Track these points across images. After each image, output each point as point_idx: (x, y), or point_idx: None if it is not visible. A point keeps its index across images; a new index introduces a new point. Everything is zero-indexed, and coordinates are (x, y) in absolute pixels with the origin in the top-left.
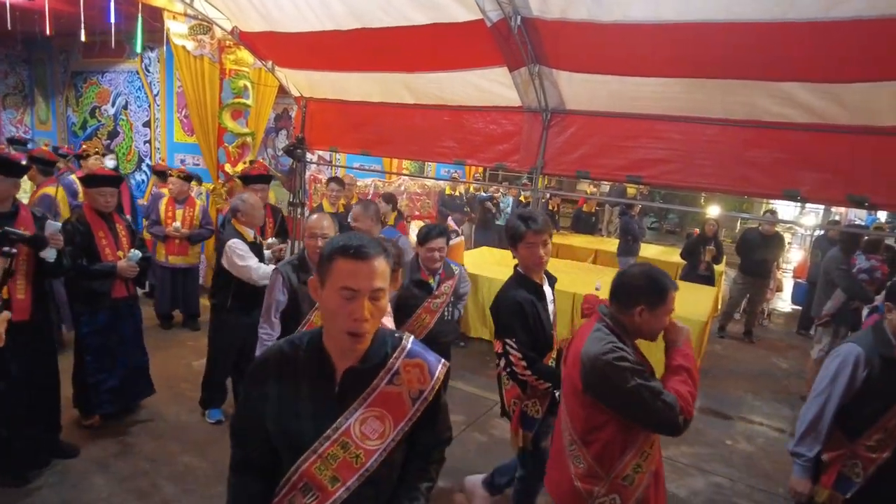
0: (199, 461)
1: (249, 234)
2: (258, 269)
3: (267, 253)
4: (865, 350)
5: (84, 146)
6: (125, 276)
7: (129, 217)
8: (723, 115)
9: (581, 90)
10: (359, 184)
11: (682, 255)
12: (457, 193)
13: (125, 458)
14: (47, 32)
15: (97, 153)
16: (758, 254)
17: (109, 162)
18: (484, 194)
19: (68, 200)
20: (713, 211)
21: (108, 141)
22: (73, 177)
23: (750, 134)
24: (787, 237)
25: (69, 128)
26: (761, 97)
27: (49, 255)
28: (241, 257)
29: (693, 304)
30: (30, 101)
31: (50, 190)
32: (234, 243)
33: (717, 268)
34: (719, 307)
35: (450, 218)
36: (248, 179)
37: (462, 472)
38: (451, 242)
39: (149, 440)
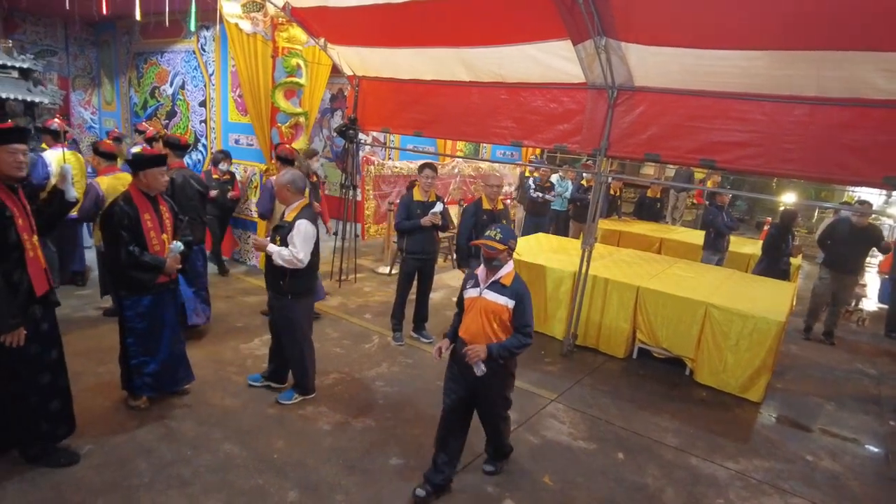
0: (239, 450)
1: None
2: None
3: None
4: None
5: (147, 127)
6: (169, 272)
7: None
8: (816, 92)
9: (652, 65)
10: (443, 170)
11: (764, 249)
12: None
13: (168, 443)
14: (104, 12)
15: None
16: (847, 247)
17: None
18: (532, 184)
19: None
20: (788, 199)
21: (167, 121)
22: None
23: (849, 114)
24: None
25: (131, 108)
26: (868, 71)
27: None
28: None
29: (771, 300)
30: (97, 83)
31: (104, 180)
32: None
33: (794, 261)
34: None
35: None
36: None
37: (512, 474)
38: None
39: (193, 426)
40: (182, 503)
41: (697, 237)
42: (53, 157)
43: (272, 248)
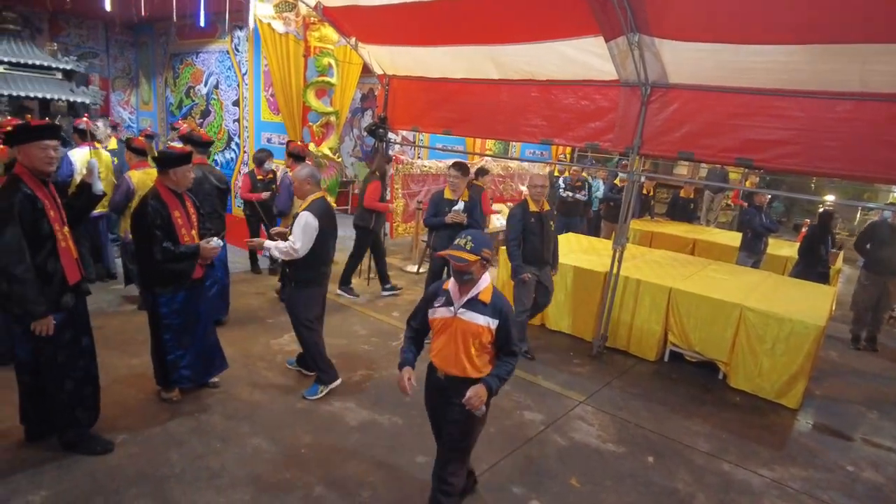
0: (267, 444)
1: None
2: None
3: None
4: None
5: (181, 124)
6: (208, 256)
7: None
8: (860, 88)
9: (686, 61)
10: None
11: (801, 252)
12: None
13: (199, 436)
14: (143, 14)
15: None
16: (888, 250)
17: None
18: (562, 184)
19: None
20: (828, 199)
21: (201, 120)
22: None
23: None
24: None
25: (167, 108)
26: None
27: None
28: None
29: (810, 305)
30: (135, 83)
31: (135, 174)
32: None
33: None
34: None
35: None
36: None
37: (540, 475)
38: None
39: (222, 419)
40: (211, 495)
41: (733, 239)
42: (79, 155)
43: (268, 243)
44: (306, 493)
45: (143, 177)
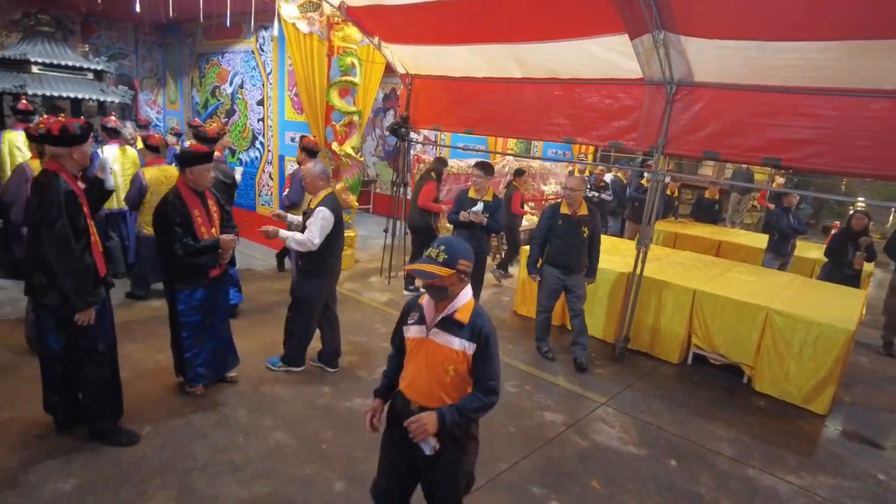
0: (289, 439)
1: None
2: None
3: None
4: None
5: (213, 125)
6: (227, 248)
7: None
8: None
9: (713, 59)
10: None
11: (827, 253)
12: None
13: (222, 429)
14: (170, 14)
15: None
16: None
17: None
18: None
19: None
20: (859, 201)
21: (226, 119)
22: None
23: None
24: None
25: (193, 107)
26: None
27: None
28: None
29: (838, 308)
30: (162, 83)
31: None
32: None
33: (865, 267)
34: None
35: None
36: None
37: (560, 476)
38: None
39: (245, 413)
40: (233, 488)
41: (759, 240)
42: (109, 153)
43: (283, 233)
44: (327, 488)
45: (156, 174)
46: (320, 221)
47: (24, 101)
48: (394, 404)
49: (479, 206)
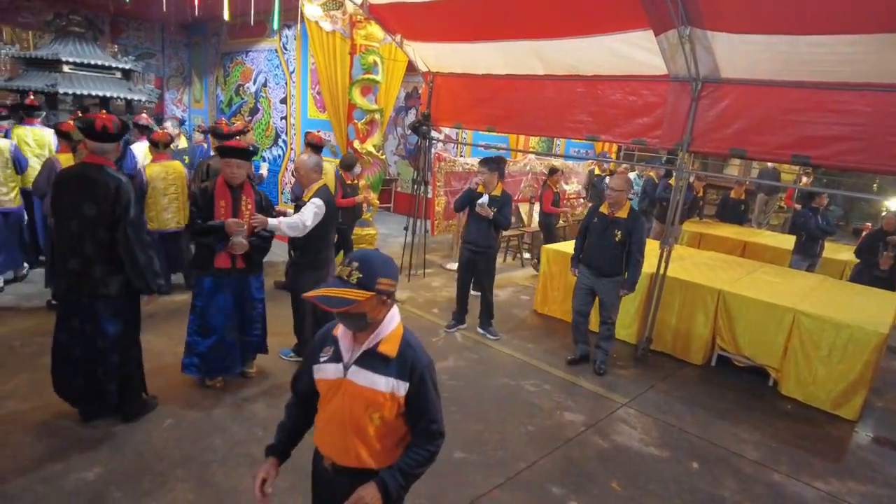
0: (307, 434)
1: None
2: None
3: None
4: None
5: (237, 122)
6: (231, 231)
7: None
8: None
9: (740, 55)
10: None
11: (857, 253)
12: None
13: (241, 423)
14: (196, 14)
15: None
16: None
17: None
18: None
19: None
20: (892, 202)
21: (249, 117)
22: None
23: None
24: None
25: (217, 105)
26: None
27: None
28: None
29: (870, 310)
30: (187, 82)
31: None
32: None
33: None
34: None
35: None
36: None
37: (580, 477)
38: None
39: (264, 407)
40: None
41: (786, 241)
42: (139, 149)
43: (273, 221)
44: None
45: (158, 169)
46: (314, 208)
47: (30, 98)
48: (313, 461)
49: (485, 199)
